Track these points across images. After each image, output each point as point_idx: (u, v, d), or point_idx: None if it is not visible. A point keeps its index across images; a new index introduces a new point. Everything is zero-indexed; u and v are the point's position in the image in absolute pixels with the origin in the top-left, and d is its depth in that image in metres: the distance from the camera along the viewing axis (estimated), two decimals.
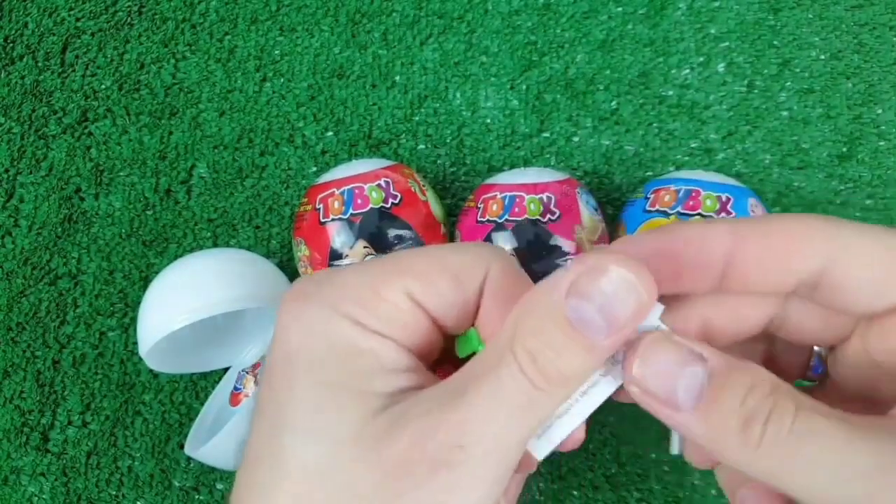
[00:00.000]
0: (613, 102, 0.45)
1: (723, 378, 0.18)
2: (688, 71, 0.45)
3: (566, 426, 0.20)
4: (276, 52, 0.47)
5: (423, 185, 0.39)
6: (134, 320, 0.43)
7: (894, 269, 0.18)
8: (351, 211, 0.36)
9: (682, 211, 0.36)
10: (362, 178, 0.37)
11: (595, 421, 0.41)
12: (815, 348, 0.23)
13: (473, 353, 0.21)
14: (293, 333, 0.20)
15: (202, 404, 0.42)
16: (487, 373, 0.18)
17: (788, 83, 0.45)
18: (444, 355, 0.23)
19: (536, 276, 0.37)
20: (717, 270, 0.19)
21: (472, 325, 0.22)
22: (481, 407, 0.18)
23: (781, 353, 0.23)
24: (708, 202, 0.36)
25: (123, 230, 0.45)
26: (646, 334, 0.18)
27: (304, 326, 0.20)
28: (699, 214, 0.35)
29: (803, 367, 0.23)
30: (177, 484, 0.41)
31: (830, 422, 0.17)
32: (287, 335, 0.20)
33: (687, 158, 0.44)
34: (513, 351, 0.18)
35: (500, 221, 0.36)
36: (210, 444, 0.36)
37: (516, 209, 0.36)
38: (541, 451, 0.20)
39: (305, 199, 0.39)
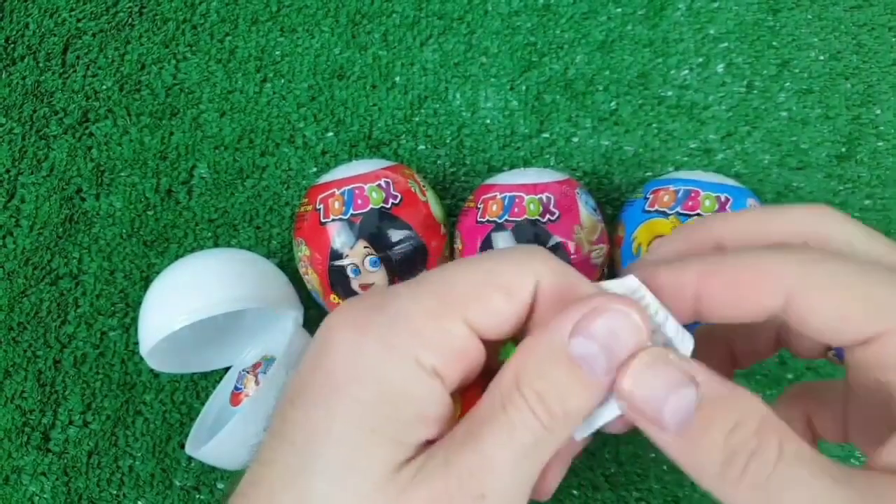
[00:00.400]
0: (613, 103, 0.45)
1: (711, 408, 0.18)
2: (687, 71, 0.45)
3: (602, 417, 0.20)
4: (277, 52, 0.47)
5: (423, 186, 0.39)
6: (135, 320, 0.43)
7: (850, 306, 0.18)
8: (351, 211, 0.37)
9: (681, 211, 0.36)
10: (362, 178, 0.37)
11: None
12: (828, 353, 0.24)
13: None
14: (342, 366, 0.19)
15: (203, 404, 0.42)
16: (497, 417, 0.19)
17: (787, 84, 0.45)
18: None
19: None
20: (690, 305, 0.20)
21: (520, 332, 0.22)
22: (497, 453, 0.18)
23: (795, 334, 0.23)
24: (707, 202, 0.36)
25: (124, 230, 0.45)
26: (641, 351, 0.19)
27: (357, 362, 0.19)
28: (698, 215, 0.35)
29: (819, 348, 0.24)
30: (178, 483, 0.41)
31: (811, 471, 0.17)
32: (335, 366, 0.19)
33: (686, 159, 0.44)
34: (521, 393, 0.18)
35: (499, 222, 0.37)
36: (211, 443, 0.36)
37: (516, 209, 0.36)
38: (578, 434, 0.20)
39: (306, 200, 0.39)
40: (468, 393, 0.22)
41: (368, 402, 0.18)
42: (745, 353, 0.25)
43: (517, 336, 0.21)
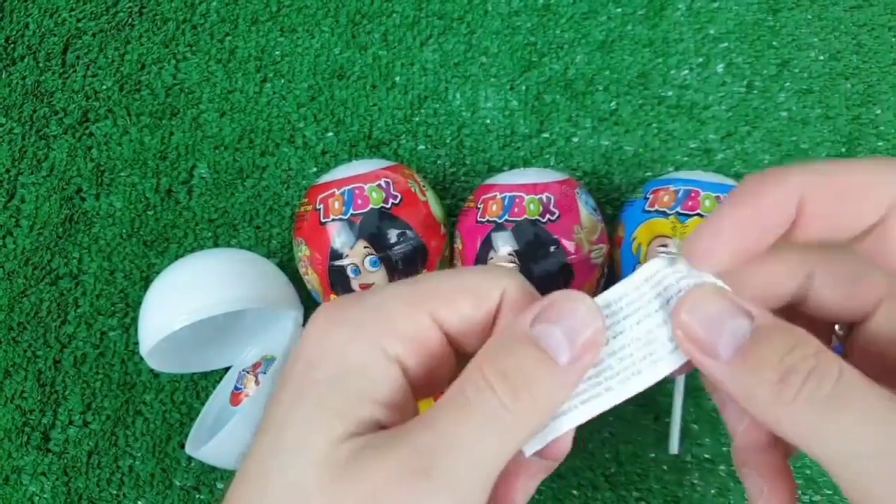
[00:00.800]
0: (613, 103, 0.45)
1: (768, 334, 0.18)
2: (687, 71, 0.45)
3: (563, 426, 0.20)
4: (277, 52, 0.47)
5: (423, 186, 0.39)
6: (135, 320, 0.43)
7: None
8: (351, 211, 0.37)
9: (682, 211, 0.36)
10: (362, 178, 0.37)
11: (594, 421, 0.41)
12: (836, 327, 0.23)
13: None
14: (313, 351, 0.20)
15: (203, 404, 0.42)
16: (455, 397, 0.19)
17: (787, 84, 0.45)
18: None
19: (536, 277, 0.37)
20: (789, 223, 0.19)
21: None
22: (450, 430, 0.18)
23: None
24: (707, 202, 0.36)
25: (124, 230, 0.45)
26: (699, 286, 0.19)
27: (326, 345, 0.20)
28: (698, 214, 0.35)
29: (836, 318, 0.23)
30: (178, 483, 0.41)
31: (875, 391, 0.17)
32: (307, 352, 0.20)
33: (686, 159, 0.44)
34: (483, 373, 0.19)
35: (499, 222, 0.37)
36: (211, 443, 0.36)
37: (516, 209, 0.36)
38: (528, 448, 0.20)
39: (306, 200, 0.39)
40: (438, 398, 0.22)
41: (324, 380, 0.19)
42: None
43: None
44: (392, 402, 0.20)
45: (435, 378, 0.21)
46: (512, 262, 0.36)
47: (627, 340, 0.20)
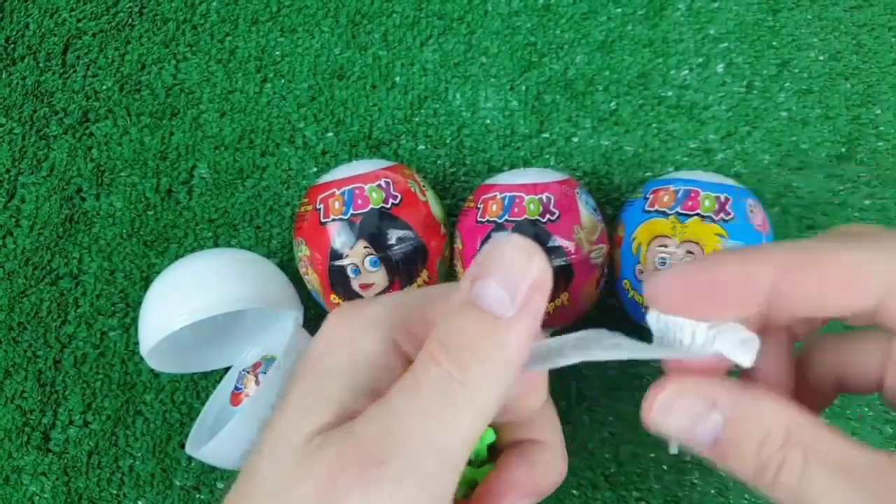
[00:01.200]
0: (613, 103, 0.45)
1: (739, 424, 0.19)
2: (687, 72, 0.45)
3: (566, 359, 0.20)
4: (277, 52, 0.47)
5: (423, 186, 0.39)
6: (135, 320, 0.43)
7: None
8: (351, 211, 0.37)
9: (681, 211, 0.36)
10: (362, 178, 0.37)
11: (594, 420, 0.41)
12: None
13: (477, 456, 0.22)
14: (325, 343, 0.20)
15: (203, 404, 0.42)
16: (406, 377, 0.19)
17: (787, 84, 0.45)
18: None
19: None
20: (759, 300, 0.19)
21: None
22: (400, 411, 0.18)
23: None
24: (707, 202, 0.36)
25: (124, 230, 0.45)
26: (662, 386, 0.20)
27: (338, 336, 0.20)
28: (698, 215, 0.35)
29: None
30: (178, 483, 0.41)
31: (836, 476, 0.18)
32: (319, 345, 0.20)
33: (686, 159, 0.44)
34: (427, 350, 0.18)
35: (499, 222, 0.37)
36: (211, 443, 0.36)
37: (516, 209, 0.36)
38: (530, 366, 0.20)
39: (306, 200, 0.39)
40: None
41: (330, 369, 0.19)
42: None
43: None
44: (367, 393, 0.20)
45: None
46: None
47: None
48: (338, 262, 0.37)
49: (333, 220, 0.37)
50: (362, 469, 0.17)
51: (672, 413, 0.20)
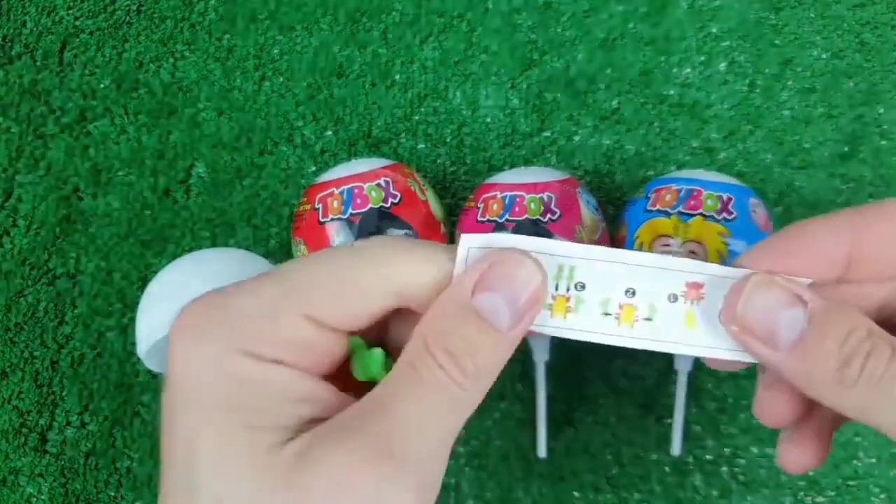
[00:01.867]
0: (614, 101, 0.45)
1: (823, 321, 0.19)
2: (689, 70, 0.45)
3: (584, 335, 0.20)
4: (275, 50, 0.46)
5: (423, 185, 0.39)
6: (132, 320, 0.43)
7: None
8: (350, 210, 0.36)
9: (684, 210, 0.36)
10: (362, 177, 0.37)
11: (596, 422, 0.41)
12: None
13: (374, 380, 0.20)
14: (188, 372, 0.19)
15: None
16: (408, 378, 0.19)
17: (790, 82, 0.45)
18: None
19: None
20: (839, 263, 0.20)
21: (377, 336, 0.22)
22: (410, 413, 0.18)
23: None
24: (709, 202, 0.35)
25: (122, 230, 0.44)
26: (750, 275, 0.19)
27: (198, 364, 0.19)
28: (700, 214, 0.35)
29: None
30: None
31: None
32: (183, 373, 0.19)
33: (688, 158, 0.44)
34: (431, 353, 0.19)
35: (500, 221, 0.36)
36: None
37: (517, 209, 0.36)
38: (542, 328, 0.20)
39: (304, 199, 0.38)
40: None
41: (220, 397, 0.18)
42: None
43: (385, 324, 0.21)
44: (307, 398, 0.19)
45: (333, 356, 0.20)
46: None
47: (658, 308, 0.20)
48: None
49: (332, 219, 0.36)
50: (376, 468, 0.17)
51: (758, 302, 0.19)
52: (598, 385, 0.41)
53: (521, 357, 0.41)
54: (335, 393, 0.20)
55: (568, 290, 0.20)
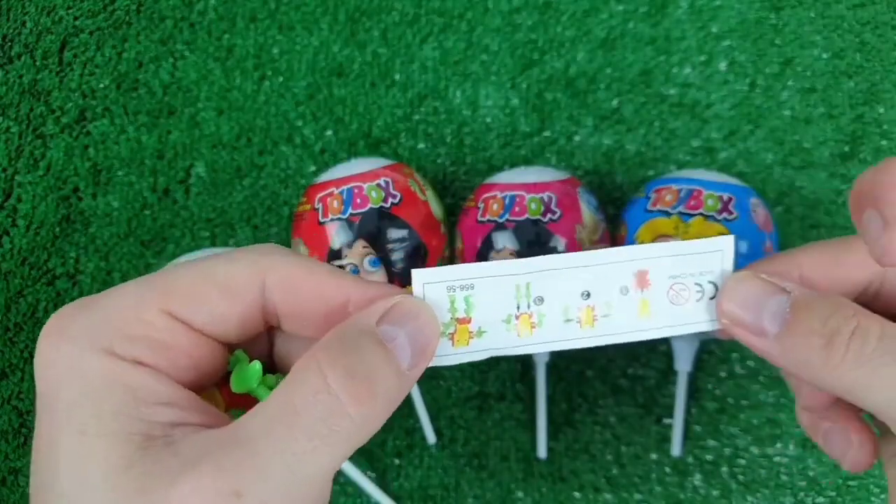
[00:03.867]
0: (615, 101, 0.45)
1: (805, 304, 0.19)
2: (689, 70, 0.45)
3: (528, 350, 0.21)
4: (275, 50, 0.46)
5: (423, 185, 0.39)
6: None
7: None
8: (350, 210, 0.36)
9: (684, 210, 0.36)
10: (361, 177, 0.37)
11: (596, 422, 0.41)
12: None
13: (252, 394, 0.20)
14: (49, 375, 0.18)
15: None
16: (280, 403, 0.17)
17: (790, 82, 0.45)
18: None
19: None
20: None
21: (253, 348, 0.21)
22: (270, 449, 0.17)
23: None
24: (710, 202, 0.35)
25: (121, 230, 0.44)
26: (733, 275, 0.20)
27: (58, 367, 0.18)
28: (701, 214, 0.35)
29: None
30: None
31: None
32: (44, 378, 0.18)
33: (688, 158, 0.44)
34: (321, 371, 0.17)
35: (500, 221, 0.36)
36: None
37: (517, 209, 0.36)
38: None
39: (304, 199, 0.38)
40: (226, 386, 0.21)
41: (77, 403, 0.17)
42: None
43: (254, 336, 0.21)
44: (167, 401, 0.18)
45: (205, 366, 0.20)
46: None
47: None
48: (337, 262, 0.36)
49: (332, 219, 0.36)
50: (217, 500, 0.16)
51: (741, 295, 0.20)
52: (598, 385, 0.41)
53: (521, 357, 0.41)
54: (197, 401, 0.19)
55: (529, 306, 0.21)
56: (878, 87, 0.45)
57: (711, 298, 0.21)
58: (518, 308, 0.21)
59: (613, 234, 0.39)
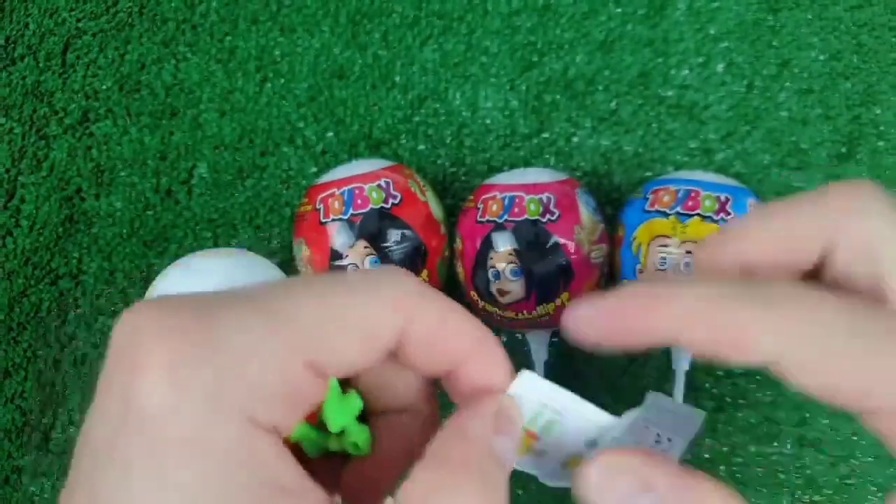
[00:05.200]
0: (613, 103, 0.45)
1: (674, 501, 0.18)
2: (687, 71, 0.45)
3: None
4: (277, 52, 0.47)
5: (423, 186, 0.39)
6: None
7: (840, 380, 0.17)
8: (351, 211, 0.36)
9: (682, 211, 0.36)
10: (362, 178, 0.37)
11: None
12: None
13: (343, 429, 0.19)
14: (162, 428, 0.15)
15: None
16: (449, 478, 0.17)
17: (787, 83, 0.45)
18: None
19: (536, 277, 0.37)
20: (662, 339, 0.19)
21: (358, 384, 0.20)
22: None
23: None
24: (707, 202, 0.36)
25: (124, 230, 0.45)
26: (599, 453, 0.19)
27: (180, 424, 0.15)
28: (698, 215, 0.35)
29: None
30: None
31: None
32: (154, 427, 0.15)
33: (686, 159, 0.44)
34: (461, 457, 0.17)
35: (499, 222, 0.37)
36: None
37: (516, 209, 0.36)
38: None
39: (306, 200, 0.39)
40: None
41: (197, 478, 0.15)
42: None
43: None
44: (287, 487, 0.16)
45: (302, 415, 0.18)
46: (512, 262, 0.36)
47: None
48: (338, 263, 0.37)
49: (333, 220, 0.37)
50: None
51: (607, 490, 0.18)
52: (597, 384, 0.42)
53: (521, 357, 0.41)
54: (308, 481, 0.17)
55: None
56: (874, 89, 0.45)
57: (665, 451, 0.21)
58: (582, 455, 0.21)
59: (612, 234, 0.39)
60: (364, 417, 0.20)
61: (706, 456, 0.41)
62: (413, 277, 0.18)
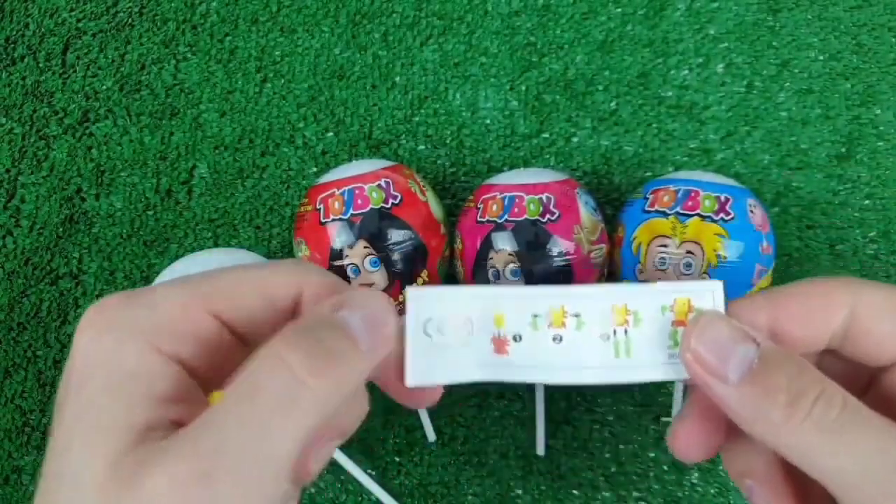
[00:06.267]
0: (613, 103, 0.45)
1: (774, 358, 0.19)
2: (687, 71, 0.45)
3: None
4: (277, 52, 0.47)
5: (423, 186, 0.39)
6: None
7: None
8: (351, 211, 0.37)
9: (681, 211, 0.36)
10: (362, 178, 0.37)
11: (594, 420, 0.41)
12: None
13: None
14: (83, 363, 0.19)
15: None
16: (241, 384, 0.18)
17: (787, 84, 0.45)
18: None
19: (536, 277, 0.37)
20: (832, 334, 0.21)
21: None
22: (233, 422, 0.17)
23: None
24: (707, 202, 0.36)
25: (124, 230, 0.45)
26: (705, 313, 0.20)
27: (95, 355, 0.19)
28: (698, 215, 0.35)
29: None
30: None
31: (877, 421, 0.18)
32: (78, 366, 0.19)
33: (686, 159, 0.44)
34: (278, 353, 0.18)
35: (499, 221, 0.37)
36: None
37: (516, 209, 0.36)
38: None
39: (306, 200, 0.39)
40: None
41: (99, 393, 0.18)
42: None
43: None
44: (179, 399, 0.19)
45: (222, 371, 0.20)
46: (512, 262, 0.36)
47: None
48: (338, 263, 0.37)
49: (333, 220, 0.37)
50: (188, 492, 0.17)
51: (711, 335, 0.19)
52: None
53: None
54: (205, 403, 0.19)
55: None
56: (874, 89, 0.45)
57: None
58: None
59: (611, 234, 0.39)
60: None
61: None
62: (316, 266, 0.22)
